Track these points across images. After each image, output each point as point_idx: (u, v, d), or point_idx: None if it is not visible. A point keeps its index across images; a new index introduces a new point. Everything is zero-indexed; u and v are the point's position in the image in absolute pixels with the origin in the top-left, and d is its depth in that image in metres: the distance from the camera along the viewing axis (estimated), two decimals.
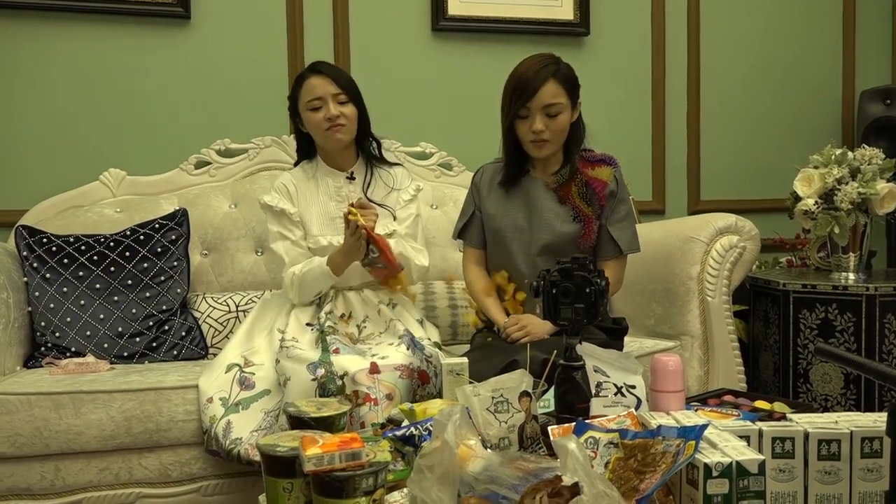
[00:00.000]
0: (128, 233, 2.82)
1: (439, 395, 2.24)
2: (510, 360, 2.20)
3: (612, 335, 2.50)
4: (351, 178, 2.65)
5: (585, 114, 2.56)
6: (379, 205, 2.62)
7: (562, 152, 2.54)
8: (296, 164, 2.73)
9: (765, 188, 3.89)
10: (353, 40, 3.41)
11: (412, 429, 1.73)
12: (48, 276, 2.70)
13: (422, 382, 2.30)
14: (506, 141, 2.54)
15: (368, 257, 2.46)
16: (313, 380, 2.20)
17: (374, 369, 2.20)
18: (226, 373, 2.41)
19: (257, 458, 2.09)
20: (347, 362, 2.22)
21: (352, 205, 2.44)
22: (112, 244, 2.78)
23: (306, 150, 2.70)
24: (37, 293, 2.68)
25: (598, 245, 2.53)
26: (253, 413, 2.31)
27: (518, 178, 2.57)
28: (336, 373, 2.20)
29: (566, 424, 1.67)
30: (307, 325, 2.50)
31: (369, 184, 2.67)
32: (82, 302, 2.69)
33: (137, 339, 2.70)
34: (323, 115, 2.54)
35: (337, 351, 2.28)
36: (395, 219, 2.66)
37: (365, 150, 2.69)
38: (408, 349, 2.33)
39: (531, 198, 2.54)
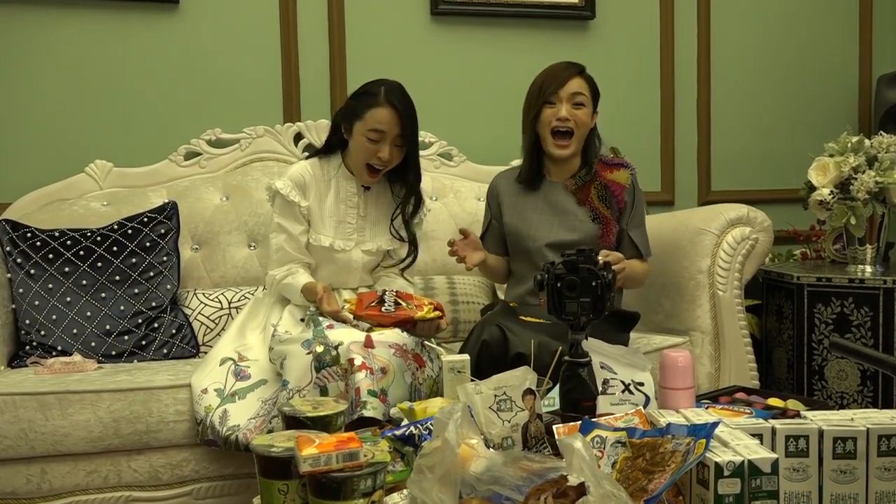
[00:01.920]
0: (115, 227, 2.80)
1: (439, 387, 2.25)
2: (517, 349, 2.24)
3: (620, 323, 2.56)
4: (367, 188, 2.61)
5: None
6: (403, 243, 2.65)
7: (579, 160, 2.66)
8: (313, 154, 2.66)
9: (778, 177, 3.86)
10: (349, 25, 3.38)
11: (412, 428, 1.74)
12: (33, 271, 2.67)
13: (419, 366, 2.29)
14: (527, 139, 2.65)
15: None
16: (308, 353, 2.19)
17: (369, 343, 2.19)
18: (220, 366, 2.41)
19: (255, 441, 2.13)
20: (341, 335, 2.23)
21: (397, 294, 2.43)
22: (99, 238, 2.75)
23: (334, 147, 2.63)
24: (21, 290, 2.65)
25: (619, 248, 2.62)
26: (250, 402, 2.31)
27: (537, 182, 2.68)
28: (331, 344, 2.19)
29: (572, 423, 1.69)
30: (301, 320, 2.49)
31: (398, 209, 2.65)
32: (68, 299, 2.66)
33: (126, 337, 2.67)
34: (374, 150, 2.48)
35: (330, 326, 2.28)
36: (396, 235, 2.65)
37: (393, 182, 2.63)
38: (402, 332, 2.32)
39: (550, 201, 2.65)
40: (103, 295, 2.69)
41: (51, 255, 2.68)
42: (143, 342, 2.67)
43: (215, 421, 2.26)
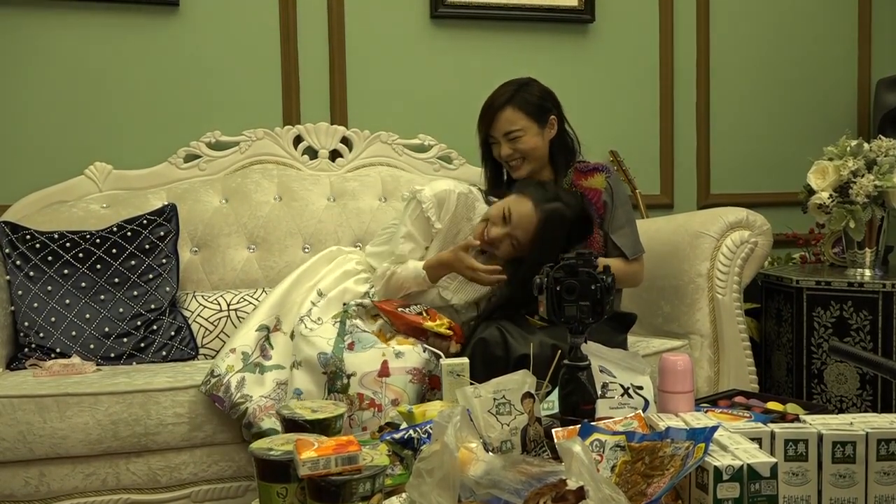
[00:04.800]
0: (114, 229, 2.78)
1: None
2: (519, 355, 2.22)
3: (617, 325, 2.56)
4: (482, 252, 2.57)
5: (590, 105, 2.67)
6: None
7: (550, 169, 2.66)
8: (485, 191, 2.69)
9: (777, 181, 3.85)
10: (349, 28, 3.37)
11: (411, 431, 1.74)
12: (32, 274, 2.66)
13: (431, 387, 2.29)
14: (486, 162, 2.73)
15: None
16: (323, 373, 2.20)
17: (384, 372, 2.19)
18: (255, 331, 2.44)
19: (262, 423, 2.20)
20: (358, 362, 2.21)
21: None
22: (98, 241, 2.74)
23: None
24: (20, 292, 2.63)
25: (607, 252, 2.62)
26: (267, 381, 2.34)
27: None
28: (345, 371, 2.19)
29: (571, 427, 1.68)
30: (343, 304, 2.49)
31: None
32: (67, 301, 2.65)
33: (125, 339, 2.65)
34: (481, 227, 2.47)
35: (351, 346, 2.26)
36: None
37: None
38: (424, 352, 2.30)
39: None
40: (102, 297, 2.67)
41: (50, 258, 2.67)
42: (142, 344, 2.66)
43: (231, 382, 2.29)
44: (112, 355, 2.62)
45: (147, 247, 2.77)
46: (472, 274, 2.42)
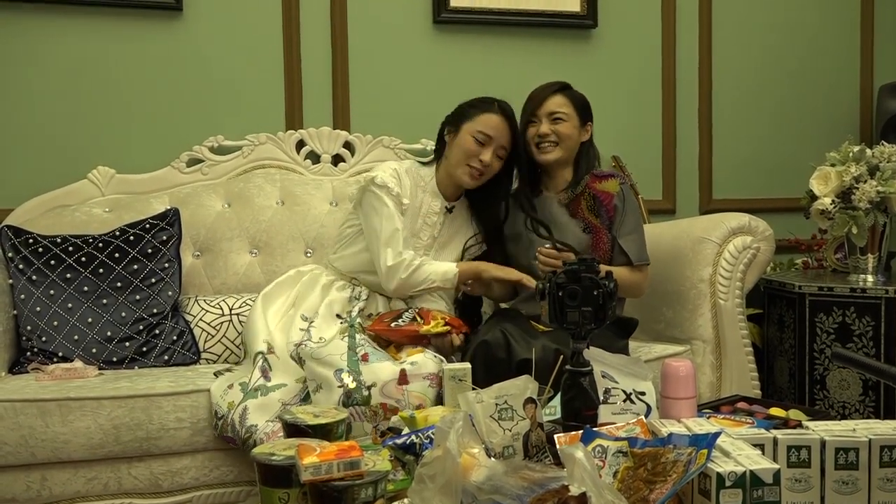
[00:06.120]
0: (117, 233, 2.78)
1: None
2: (521, 357, 2.22)
3: (619, 330, 2.57)
4: (450, 211, 2.64)
5: (592, 110, 2.71)
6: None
7: (572, 171, 2.71)
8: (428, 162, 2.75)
9: (779, 187, 3.84)
10: (352, 33, 3.37)
11: (413, 437, 1.73)
12: (34, 278, 2.65)
13: None
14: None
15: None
16: (339, 387, 2.16)
17: (404, 380, 2.18)
18: (252, 362, 2.43)
19: None
20: (377, 371, 2.19)
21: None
22: (101, 245, 2.73)
23: (439, 153, 2.69)
24: (22, 296, 2.63)
25: (613, 257, 2.65)
26: (270, 401, 2.30)
27: (532, 196, 2.73)
28: (364, 383, 2.17)
29: (573, 432, 1.68)
30: (337, 315, 2.51)
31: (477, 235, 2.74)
32: (70, 305, 2.64)
33: (127, 343, 2.65)
34: (477, 151, 2.52)
35: (365, 357, 2.25)
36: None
37: (476, 206, 2.70)
38: (435, 356, 2.30)
39: (545, 214, 2.68)
40: (104, 301, 2.67)
41: (52, 262, 2.67)
42: (144, 349, 2.65)
43: (235, 419, 2.26)
44: (114, 359, 2.62)
45: (149, 251, 2.76)
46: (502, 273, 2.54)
